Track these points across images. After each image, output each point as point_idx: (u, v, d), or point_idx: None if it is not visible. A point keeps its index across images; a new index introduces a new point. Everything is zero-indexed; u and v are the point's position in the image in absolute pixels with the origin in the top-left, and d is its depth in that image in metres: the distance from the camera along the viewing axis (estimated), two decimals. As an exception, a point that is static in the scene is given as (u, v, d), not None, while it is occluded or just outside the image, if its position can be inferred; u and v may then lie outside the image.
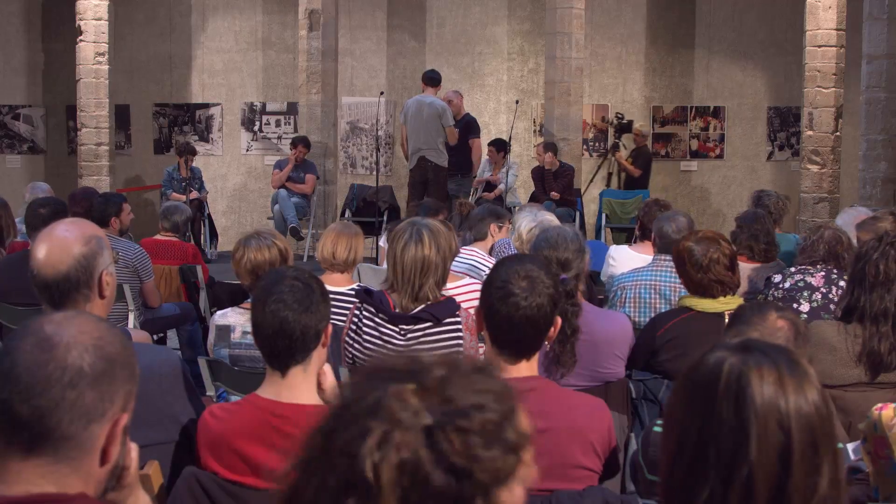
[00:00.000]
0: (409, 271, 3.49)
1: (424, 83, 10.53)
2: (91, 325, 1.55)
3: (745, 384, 1.42)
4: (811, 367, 1.49)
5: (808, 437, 1.40)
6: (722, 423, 1.40)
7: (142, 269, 5.89)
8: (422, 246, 3.50)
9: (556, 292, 2.58)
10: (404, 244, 3.53)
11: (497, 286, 2.55)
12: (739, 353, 1.46)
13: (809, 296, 4.41)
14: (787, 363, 1.45)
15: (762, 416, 1.39)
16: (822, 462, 1.40)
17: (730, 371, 1.43)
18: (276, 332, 2.47)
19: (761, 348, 1.47)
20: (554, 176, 10.91)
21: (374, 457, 1.09)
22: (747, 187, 12.35)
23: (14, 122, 13.78)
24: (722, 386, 1.42)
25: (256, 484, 2.44)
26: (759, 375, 1.42)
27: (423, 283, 3.49)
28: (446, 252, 3.57)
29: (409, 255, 3.50)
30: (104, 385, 1.50)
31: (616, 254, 5.64)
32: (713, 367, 1.45)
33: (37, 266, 2.54)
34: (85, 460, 1.50)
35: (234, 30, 13.71)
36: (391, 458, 1.09)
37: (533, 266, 2.59)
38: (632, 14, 13.57)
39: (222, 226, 13.02)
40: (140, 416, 1.64)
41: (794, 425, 1.39)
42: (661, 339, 3.88)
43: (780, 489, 1.38)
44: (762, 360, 1.44)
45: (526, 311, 2.51)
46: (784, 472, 1.38)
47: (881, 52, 8.85)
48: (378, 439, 1.10)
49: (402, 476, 1.09)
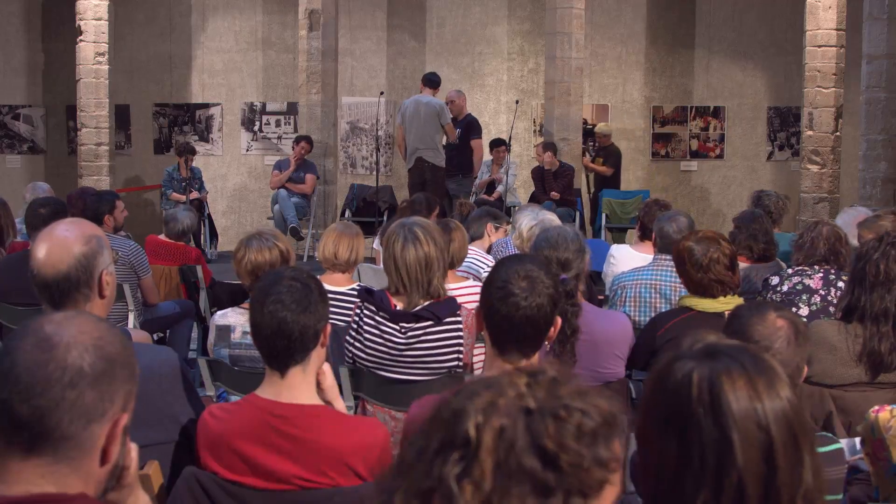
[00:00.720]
0: (415, 271, 3.52)
1: (423, 84, 10.53)
2: (91, 325, 1.55)
3: (717, 392, 1.42)
4: (775, 361, 1.49)
5: (787, 431, 1.41)
6: (703, 436, 1.41)
7: (138, 265, 5.88)
8: (420, 244, 3.54)
9: (556, 292, 2.58)
10: (402, 246, 3.55)
11: (497, 286, 2.55)
12: (705, 360, 1.45)
13: (808, 299, 4.37)
14: (752, 363, 1.45)
15: (741, 421, 1.40)
16: (803, 453, 1.42)
17: (700, 381, 1.43)
18: (274, 333, 2.47)
19: (725, 352, 1.47)
20: (554, 176, 10.90)
21: (478, 418, 1.19)
22: (747, 187, 12.35)
23: (14, 122, 13.78)
24: (695, 398, 1.42)
25: (256, 484, 2.44)
26: (731, 381, 1.42)
27: (430, 279, 3.54)
28: (442, 245, 3.62)
29: (410, 256, 3.52)
30: (104, 385, 1.50)
31: (617, 253, 5.65)
32: (682, 380, 1.45)
33: (37, 266, 2.53)
34: (85, 460, 1.49)
35: (234, 30, 13.71)
36: (493, 422, 1.19)
37: (533, 266, 2.58)
38: (632, 14, 13.57)
39: (222, 226, 13.02)
40: (140, 415, 1.64)
41: (773, 424, 1.40)
42: (662, 339, 3.88)
43: (768, 487, 1.39)
44: (730, 364, 1.44)
45: (526, 311, 2.50)
46: (770, 470, 1.39)
47: (881, 52, 8.84)
48: (484, 404, 1.21)
49: (500, 444, 1.17)
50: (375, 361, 3.56)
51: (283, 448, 2.43)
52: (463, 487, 1.17)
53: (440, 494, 1.19)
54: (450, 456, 1.19)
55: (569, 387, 1.24)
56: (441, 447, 1.21)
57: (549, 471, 1.17)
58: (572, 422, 1.19)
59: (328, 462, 2.41)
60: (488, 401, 1.21)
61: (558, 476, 1.17)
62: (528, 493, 1.17)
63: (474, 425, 1.19)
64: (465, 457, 1.19)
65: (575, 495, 1.18)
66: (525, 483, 1.17)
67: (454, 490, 1.17)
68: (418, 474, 1.22)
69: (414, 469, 1.23)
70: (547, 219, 5.12)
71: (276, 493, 2.43)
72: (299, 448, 2.42)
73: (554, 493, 1.17)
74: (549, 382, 1.24)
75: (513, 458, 1.17)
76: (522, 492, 1.17)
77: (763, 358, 1.47)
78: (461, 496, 1.17)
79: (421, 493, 1.20)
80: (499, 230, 6.10)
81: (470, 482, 1.17)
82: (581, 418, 1.20)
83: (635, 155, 13.79)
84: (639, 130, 13.77)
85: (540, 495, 1.17)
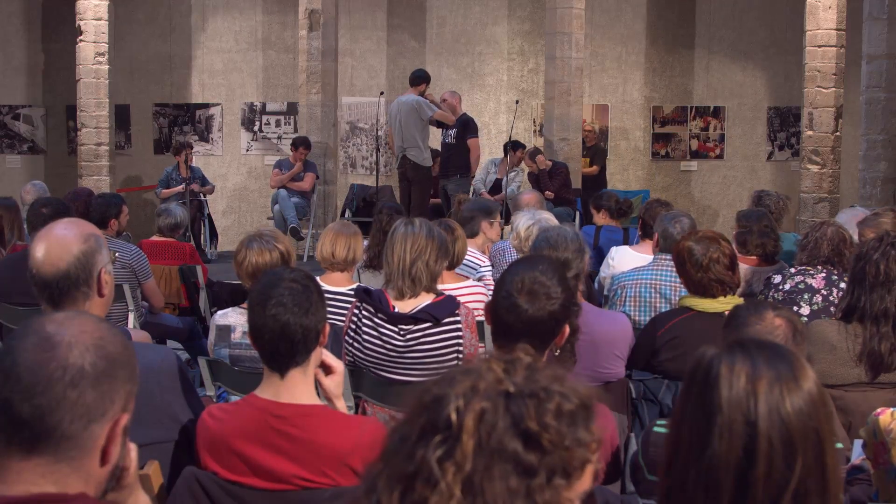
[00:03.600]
0: (402, 259, 3.55)
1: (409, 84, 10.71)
2: (92, 325, 1.54)
3: (714, 378, 1.44)
4: (808, 368, 1.48)
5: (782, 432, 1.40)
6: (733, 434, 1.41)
7: (139, 269, 5.88)
8: (412, 227, 3.60)
9: (565, 302, 2.56)
10: (394, 229, 3.66)
11: (503, 295, 2.54)
12: (742, 358, 1.46)
13: (810, 298, 4.36)
14: (767, 360, 1.45)
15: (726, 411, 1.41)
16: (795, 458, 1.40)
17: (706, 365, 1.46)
18: (278, 336, 2.46)
19: (746, 345, 1.48)
20: (549, 176, 10.90)
21: (459, 402, 1.21)
22: (747, 187, 12.35)
23: (14, 122, 13.78)
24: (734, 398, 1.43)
25: (256, 484, 2.44)
26: (730, 370, 1.43)
27: (414, 260, 3.55)
28: (439, 239, 3.62)
29: (398, 235, 3.60)
30: (105, 385, 1.50)
31: (616, 254, 5.64)
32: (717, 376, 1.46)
33: (36, 265, 2.53)
34: (85, 460, 1.49)
35: (234, 30, 13.70)
36: (474, 405, 1.20)
37: (543, 276, 2.55)
38: (632, 14, 13.57)
39: (222, 226, 13.02)
40: (139, 415, 1.64)
41: (763, 422, 1.40)
42: (662, 339, 3.88)
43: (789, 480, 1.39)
44: (738, 355, 1.45)
45: (527, 321, 2.50)
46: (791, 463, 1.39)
47: (881, 52, 8.84)
48: (465, 389, 1.23)
49: (481, 426, 1.19)
50: (375, 362, 3.56)
51: (283, 448, 2.43)
52: (445, 469, 1.18)
53: (422, 478, 1.20)
54: (431, 440, 1.20)
55: (545, 372, 1.26)
56: (423, 432, 1.22)
57: (532, 451, 1.19)
58: (552, 403, 1.21)
59: (328, 462, 2.41)
60: (468, 386, 1.23)
61: (540, 456, 1.19)
62: (511, 473, 1.18)
63: (455, 409, 1.21)
64: (446, 439, 1.20)
65: (558, 475, 1.19)
66: (508, 463, 1.18)
67: (436, 471, 1.18)
68: (400, 460, 1.23)
69: (396, 455, 1.24)
70: (544, 218, 5.11)
71: (276, 493, 2.43)
72: (299, 448, 2.42)
73: (537, 473, 1.18)
74: (525, 368, 1.26)
75: (495, 439, 1.19)
76: (505, 472, 1.18)
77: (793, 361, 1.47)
78: (443, 478, 1.18)
79: (404, 477, 1.21)
80: (493, 225, 6.02)
81: (452, 463, 1.18)
82: (560, 399, 1.22)
83: (635, 155, 13.79)
84: (639, 130, 13.77)
85: (523, 476, 1.18)
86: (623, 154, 13.77)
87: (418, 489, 1.19)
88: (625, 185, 13.57)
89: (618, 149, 13.72)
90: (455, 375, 1.26)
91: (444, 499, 1.18)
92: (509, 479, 1.18)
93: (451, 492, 1.18)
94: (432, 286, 3.61)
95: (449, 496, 1.18)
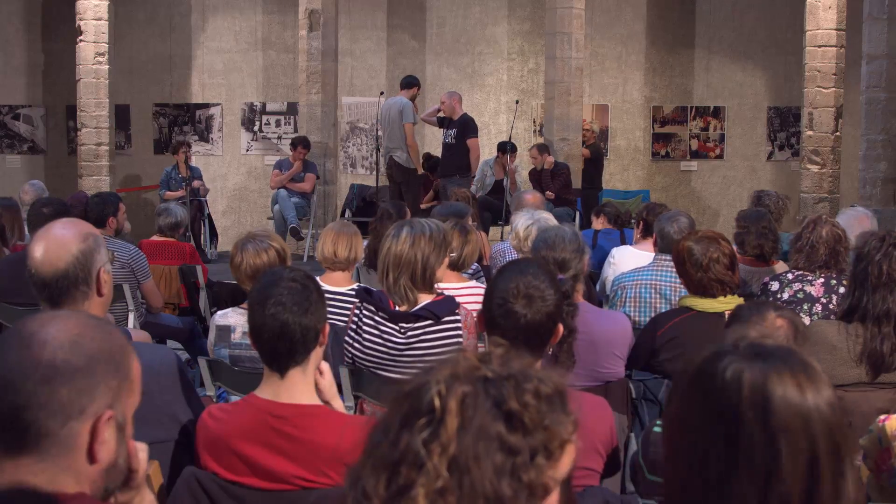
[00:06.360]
0: (385, 265, 3.53)
1: None
2: (73, 323, 1.54)
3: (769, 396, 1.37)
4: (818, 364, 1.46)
5: (831, 441, 1.36)
6: (753, 440, 1.36)
7: (138, 269, 5.88)
8: (397, 241, 3.52)
9: (558, 302, 2.56)
10: (384, 238, 3.62)
11: (497, 302, 2.54)
12: (756, 360, 1.40)
13: (809, 308, 4.28)
14: (802, 367, 1.40)
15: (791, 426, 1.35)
16: (845, 465, 1.37)
17: (752, 383, 1.38)
18: (277, 336, 2.46)
19: (775, 353, 1.43)
20: (551, 176, 10.90)
21: (441, 387, 1.24)
22: (747, 187, 12.34)
23: (14, 122, 13.78)
24: (746, 400, 1.37)
25: (256, 484, 2.44)
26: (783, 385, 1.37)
27: (397, 278, 3.50)
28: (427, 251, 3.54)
29: (384, 249, 3.55)
30: (80, 382, 1.49)
31: (618, 254, 5.64)
32: (731, 380, 1.39)
33: (35, 265, 2.53)
34: (68, 458, 1.48)
35: (234, 30, 13.71)
36: (456, 389, 1.23)
37: (535, 280, 2.55)
38: (632, 14, 13.57)
39: (222, 226, 13.02)
40: (140, 414, 1.63)
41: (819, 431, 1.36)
42: (662, 339, 3.88)
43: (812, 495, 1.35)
44: (782, 368, 1.39)
45: (525, 327, 2.51)
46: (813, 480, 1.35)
47: (881, 52, 8.84)
48: (445, 376, 1.26)
49: (464, 407, 1.22)
50: (375, 361, 3.56)
51: (283, 448, 2.42)
52: (431, 450, 1.20)
53: (408, 462, 1.21)
54: (416, 424, 1.23)
55: (519, 362, 1.29)
56: (406, 419, 1.24)
57: (514, 431, 1.21)
58: (530, 384, 1.25)
59: (327, 462, 2.41)
60: (448, 373, 1.26)
61: (522, 435, 1.22)
62: (497, 452, 1.20)
63: (437, 393, 1.24)
64: (430, 422, 1.22)
65: (540, 454, 1.22)
66: (492, 442, 1.20)
67: (422, 453, 1.20)
68: (385, 449, 1.24)
69: (380, 446, 1.25)
70: (543, 218, 5.11)
71: (276, 493, 2.43)
72: (298, 448, 2.42)
73: (520, 452, 1.21)
74: (500, 358, 1.29)
75: (478, 419, 1.21)
76: (490, 451, 1.20)
77: (811, 362, 1.43)
78: (429, 459, 1.20)
79: (388, 465, 1.23)
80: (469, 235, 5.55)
81: (438, 444, 1.20)
82: (537, 383, 1.26)
83: (635, 155, 13.79)
84: (639, 130, 13.77)
85: (508, 454, 1.21)
86: (623, 154, 13.76)
87: (404, 473, 1.21)
88: (625, 185, 13.57)
89: (618, 149, 13.72)
90: (433, 367, 1.29)
91: (431, 479, 1.20)
92: (494, 457, 1.20)
93: (437, 472, 1.19)
94: (431, 287, 3.61)
95: (436, 476, 1.19)
